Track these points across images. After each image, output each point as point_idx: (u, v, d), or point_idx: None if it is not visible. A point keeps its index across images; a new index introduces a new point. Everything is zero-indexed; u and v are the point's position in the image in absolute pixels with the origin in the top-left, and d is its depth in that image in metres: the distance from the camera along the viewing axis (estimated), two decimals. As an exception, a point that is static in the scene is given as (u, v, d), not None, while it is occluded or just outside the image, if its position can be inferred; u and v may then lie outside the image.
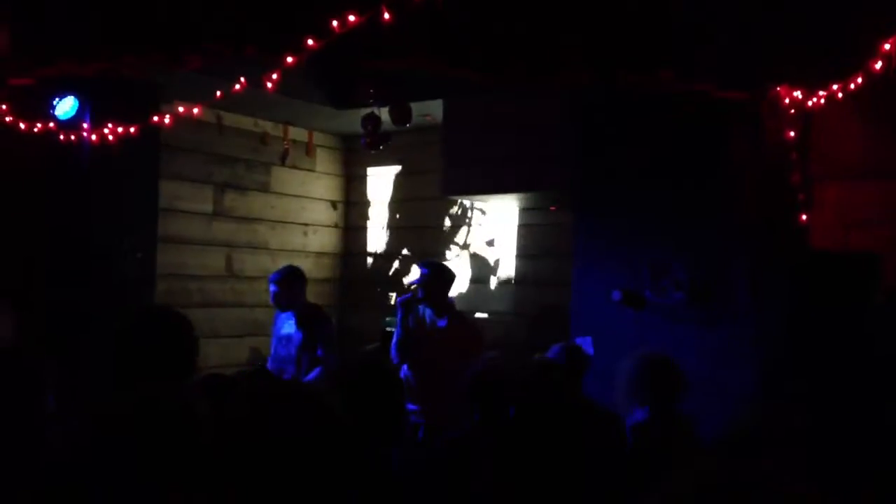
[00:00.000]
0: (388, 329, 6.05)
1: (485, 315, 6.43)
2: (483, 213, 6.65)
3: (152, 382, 2.09)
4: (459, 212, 6.81)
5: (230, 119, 6.37)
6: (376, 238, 7.31)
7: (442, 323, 5.08)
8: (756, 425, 2.67)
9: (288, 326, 5.42)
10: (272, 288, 5.41)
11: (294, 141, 6.91)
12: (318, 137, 7.15)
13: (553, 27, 3.67)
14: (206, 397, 2.53)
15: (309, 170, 7.15)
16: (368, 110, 5.57)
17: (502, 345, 5.88)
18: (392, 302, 6.86)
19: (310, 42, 3.36)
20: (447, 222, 6.88)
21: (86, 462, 1.76)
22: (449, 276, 5.22)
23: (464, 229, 6.80)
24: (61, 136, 4.61)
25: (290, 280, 5.42)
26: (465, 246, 6.75)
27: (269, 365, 5.54)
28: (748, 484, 0.86)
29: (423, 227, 7.02)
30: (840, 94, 3.54)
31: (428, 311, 5.13)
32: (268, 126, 6.70)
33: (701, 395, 3.77)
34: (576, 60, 3.74)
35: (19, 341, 4.31)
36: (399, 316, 5.11)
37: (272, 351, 5.55)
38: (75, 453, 1.83)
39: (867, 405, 3.69)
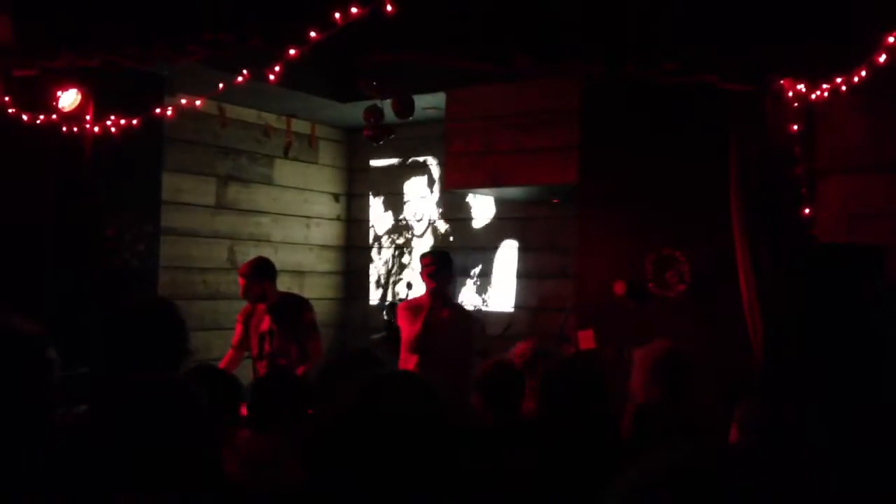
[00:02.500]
0: (392, 321, 6.04)
1: (487, 308, 6.43)
2: (485, 205, 6.65)
3: (144, 371, 2.09)
4: (460, 204, 6.81)
5: (233, 111, 6.36)
6: (379, 230, 7.31)
7: (446, 312, 5.07)
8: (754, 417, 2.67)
9: (265, 322, 5.24)
10: (241, 281, 5.19)
11: (297, 133, 6.90)
12: (320, 130, 7.15)
13: (557, 18, 3.66)
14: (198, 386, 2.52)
15: (311, 162, 7.15)
16: (371, 103, 5.57)
17: (504, 338, 5.89)
18: (402, 296, 6.86)
19: (312, 34, 3.35)
20: (447, 215, 6.88)
21: (85, 450, 1.77)
22: (451, 264, 5.22)
23: (465, 222, 6.79)
24: (64, 128, 4.61)
25: (259, 272, 5.20)
26: (466, 239, 6.76)
27: (229, 362, 5.34)
28: (724, 470, 0.86)
29: (424, 220, 7.02)
30: (844, 88, 3.53)
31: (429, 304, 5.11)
32: (271, 118, 6.70)
33: (703, 388, 3.77)
34: (579, 52, 3.72)
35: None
36: (430, 309, 5.02)
37: (254, 349, 5.27)
38: (75, 441, 1.84)
39: (871, 397, 3.69)
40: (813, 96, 3.68)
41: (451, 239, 6.86)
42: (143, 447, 1.74)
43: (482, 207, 6.68)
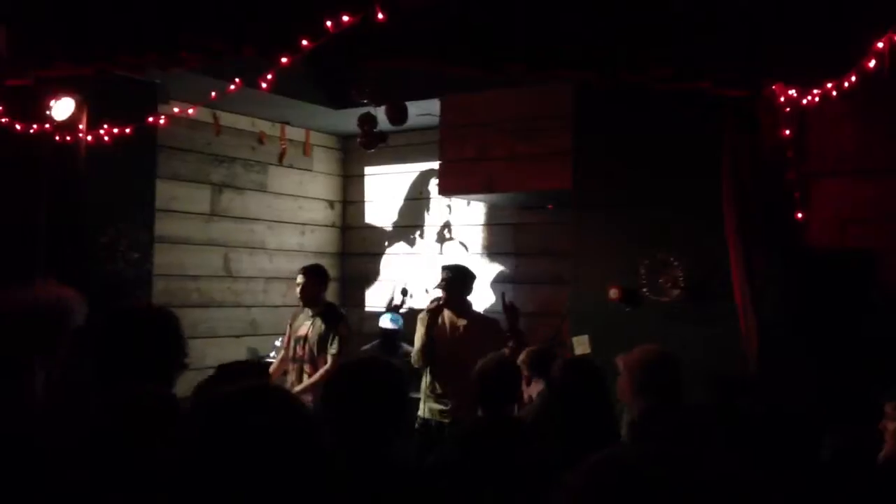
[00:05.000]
0: (387, 328, 6.04)
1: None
2: (481, 211, 6.65)
3: (134, 382, 2.09)
4: (456, 211, 6.82)
5: (227, 119, 6.37)
6: (373, 237, 7.31)
7: (462, 323, 5.10)
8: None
9: (305, 327, 5.42)
10: (300, 278, 5.45)
11: (291, 140, 6.91)
12: (314, 137, 7.16)
13: (551, 24, 3.67)
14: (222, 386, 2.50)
15: (306, 169, 7.16)
16: (365, 110, 5.58)
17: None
18: (397, 302, 6.87)
19: (304, 42, 3.36)
20: (444, 221, 6.89)
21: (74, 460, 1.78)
22: (470, 279, 5.26)
23: (460, 228, 6.80)
24: (58, 137, 4.61)
25: (320, 275, 5.50)
26: (462, 244, 6.76)
27: (277, 365, 5.51)
28: (671, 471, 0.88)
29: (420, 227, 7.02)
30: (834, 93, 3.55)
31: (447, 313, 5.14)
32: (265, 126, 6.70)
33: (698, 393, 3.78)
34: (573, 57, 3.74)
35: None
36: (428, 322, 5.07)
37: (290, 352, 5.47)
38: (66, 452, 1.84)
39: (863, 401, 3.70)
40: (804, 101, 3.70)
41: (445, 245, 6.86)
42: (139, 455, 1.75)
43: (476, 213, 6.69)
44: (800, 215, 4.02)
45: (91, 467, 1.80)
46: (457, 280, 5.14)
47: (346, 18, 3.21)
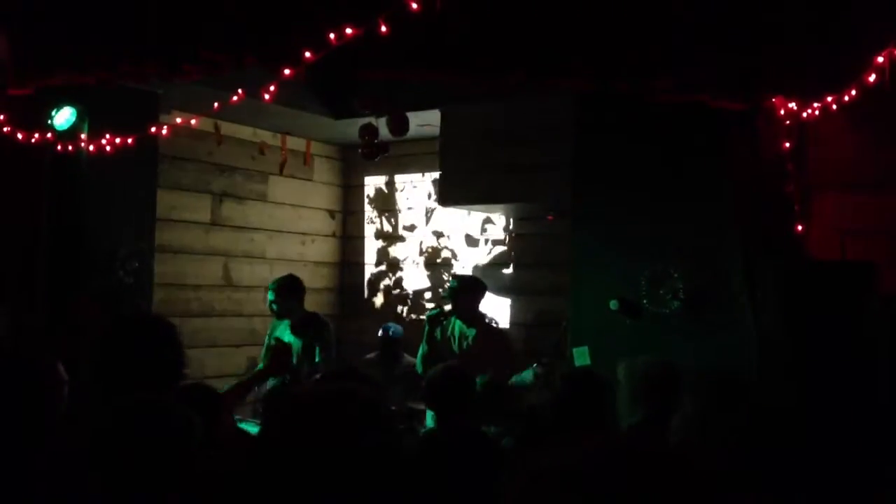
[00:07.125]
0: (392, 335, 6.05)
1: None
2: (480, 221, 6.66)
3: (134, 391, 2.10)
4: (456, 220, 6.82)
5: (228, 128, 6.38)
6: (373, 247, 7.31)
7: (471, 333, 5.09)
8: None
9: (285, 336, 5.42)
10: (269, 295, 5.44)
11: (292, 150, 6.92)
12: (315, 147, 7.17)
13: (551, 35, 3.69)
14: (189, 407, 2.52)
15: (307, 179, 7.16)
16: (366, 120, 5.59)
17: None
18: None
19: (307, 54, 3.37)
20: (445, 231, 6.89)
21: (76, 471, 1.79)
22: (479, 289, 5.25)
23: (459, 238, 6.81)
24: (59, 146, 4.62)
25: (287, 288, 5.43)
26: (461, 255, 6.77)
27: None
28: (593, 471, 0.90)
29: (420, 236, 7.03)
30: (834, 106, 3.56)
31: (457, 324, 5.14)
32: (266, 135, 6.71)
33: (699, 403, 3.78)
34: (574, 68, 3.75)
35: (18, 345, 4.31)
36: (426, 330, 5.09)
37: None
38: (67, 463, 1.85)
39: (864, 413, 3.70)
40: (804, 114, 3.72)
41: (446, 255, 6.87)
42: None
43: (476, 223, 6.69)
44: (800, 227, 4.02)
45: (95, 472, 1.81)
46: (464, 290, 5.14)
47: (349, 31, 3.22)
